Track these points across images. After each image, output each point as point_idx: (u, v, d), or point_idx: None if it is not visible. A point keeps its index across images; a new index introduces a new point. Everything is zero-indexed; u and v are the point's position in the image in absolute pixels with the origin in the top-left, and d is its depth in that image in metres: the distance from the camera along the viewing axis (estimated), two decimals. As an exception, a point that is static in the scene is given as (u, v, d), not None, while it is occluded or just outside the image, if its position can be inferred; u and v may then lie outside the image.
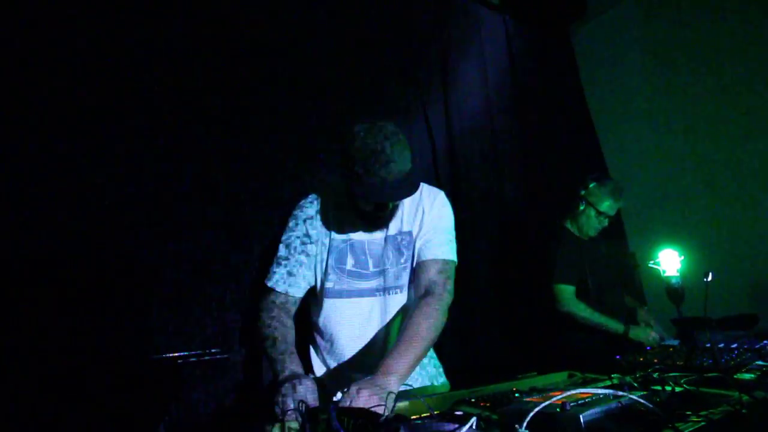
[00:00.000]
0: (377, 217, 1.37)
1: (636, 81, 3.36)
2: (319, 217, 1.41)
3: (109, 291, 1.62)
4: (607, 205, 2.29)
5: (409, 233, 1.43)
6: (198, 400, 1.69)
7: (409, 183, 1.23)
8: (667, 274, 1.51)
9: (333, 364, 1.46)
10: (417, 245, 1.41)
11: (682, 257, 1.52)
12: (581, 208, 2.34)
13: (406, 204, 1.44)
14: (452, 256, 1.40)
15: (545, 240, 2.48)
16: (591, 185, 2.34)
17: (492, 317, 2.61)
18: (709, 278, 1.60)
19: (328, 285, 1.40)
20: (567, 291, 2.26)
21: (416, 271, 1.41)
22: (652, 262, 1.57)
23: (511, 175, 3.00)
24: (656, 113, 3.24)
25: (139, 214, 1.70)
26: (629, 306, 2.43)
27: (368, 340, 1.42)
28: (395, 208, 1.39)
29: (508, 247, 2.84)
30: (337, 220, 1.42)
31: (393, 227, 1.43)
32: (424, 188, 1.48)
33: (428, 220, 1.43)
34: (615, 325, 2.18)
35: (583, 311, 2.21)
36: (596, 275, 2.30)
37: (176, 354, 1.67)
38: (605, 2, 3.53)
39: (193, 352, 1.71)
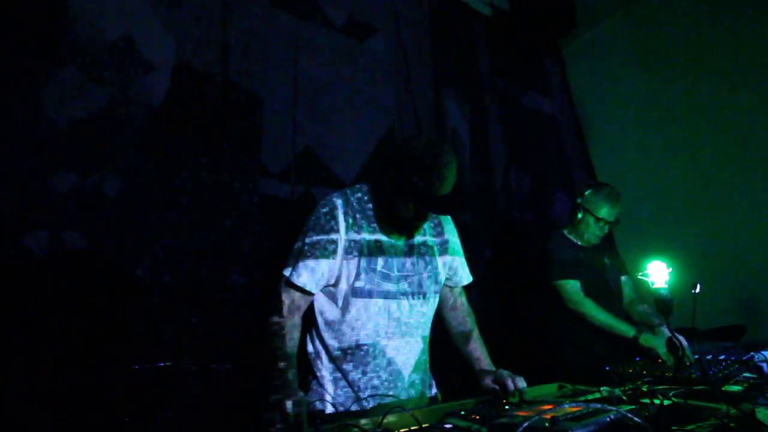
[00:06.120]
0: (412, 225, 1.41)
1: (626, 94, 3.41)
2: (351, 213, 1.41)
3: (99, 298, 1.59)
4: (605, 212, 2.30)
5: (432, 246, 1.51)
6: (187, 410, 1.67)
7: (459, 199, 1.31)
8: (655, 285, 1.52)
9: (345, 365, 1.40)
10: (448, 268, 1.57)
11: (671, 269, 1.52)
12: (579, 216, 2.35)
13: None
14: (471, 277, 1.64)
15: (542, 247, 2.48)
16: (587, 192, 2.36)
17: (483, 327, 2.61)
18: (697, 290, 1.61)
19: (358, 284, 1.38)
20: (573, 286, 2.24)
21: (449, 289, 1.61)
22: (640, 273, 1.58)
23: (502, 186, 3.02)
24: (646, 125, 3.29)
25: (128, 220, 1.68)
26: (639, 317, 2.40)
27: (389, 342, 1.41)
28: (426, 219, 1.44)
29: (500, 256, 2.84)
30: (369, 219, 1.42)
31: (418, 237, 1.48)
32: None
33: (452, 243, 1.58)
34: (625, 328, 2.12)
35: (593, 309, 2.18)
36: (591, 283, 2.30)
37: (164, 363, 1.65)
38: (596, 16, 3.58)
39: (182, 362, 1.68)
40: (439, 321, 1.61)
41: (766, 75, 2.72)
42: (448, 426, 0.98)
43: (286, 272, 1.35)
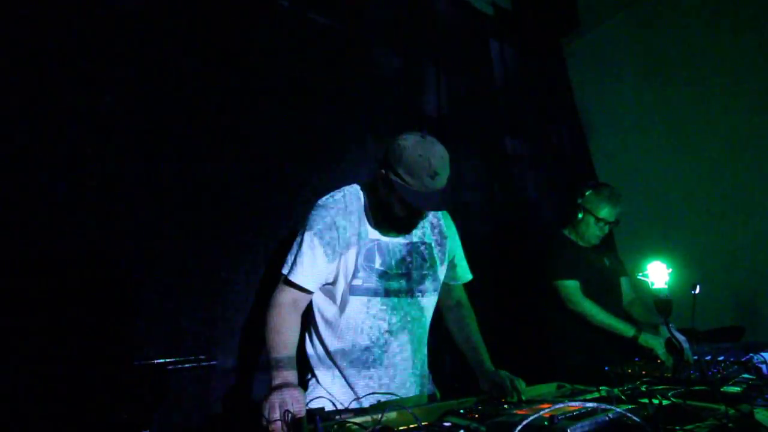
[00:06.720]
0: (408, 224, 1.41)
1: (627, 95, 3.40)
2: (349, 212, 1.41)
3: (97, 295, 1.59)
4: (605, 212, 2.30)
5: (430, 245, 1.51)
6: (186, 408, 1.67)
7: (448, 196, 1.35)
8: (655, 286, 1.52)
9: (344, 363, 1.41)
10: (447, 265, 1.57)
11: (670, 270, 1.53)
12: (580, 216, 2.35)
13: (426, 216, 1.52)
14: (470, 275, 1.67)
15: (542, 246, 2.48)
16: (587, 193, 2.36)
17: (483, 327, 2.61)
18: (697, 291, 1.61)
19: (356, 282, 1.38)
20: (572, 286, 2.24)
21: (449, 287, 1.62)
22: (640, 274, 1.58)
23: (503, 186, 3.02)
24: (646, 127, 3.28)
25: (125, 217, 1.68)
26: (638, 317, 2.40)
27: (387, 340, 1.41)
28: (422, 217, 1.44)
29: (499, 255, 2.84)
30: (365, 219, 1.43)
31: (415, 235, 1.48)
32: None
33: (452, 241, 1.58)
34: (624, 328, 2.13)
35: (593, 309, 2.18)
36: (592, 283, 2.30)
37: (165, 360, 1.65)
38: (598, 16, 3.58)
39: (181, 359, 1.68)
40: (439, 319, 1.61)
41: (767, 76, 2.72)
42: (447, 424, 0.98)
43: (285, 271, 1.36)
